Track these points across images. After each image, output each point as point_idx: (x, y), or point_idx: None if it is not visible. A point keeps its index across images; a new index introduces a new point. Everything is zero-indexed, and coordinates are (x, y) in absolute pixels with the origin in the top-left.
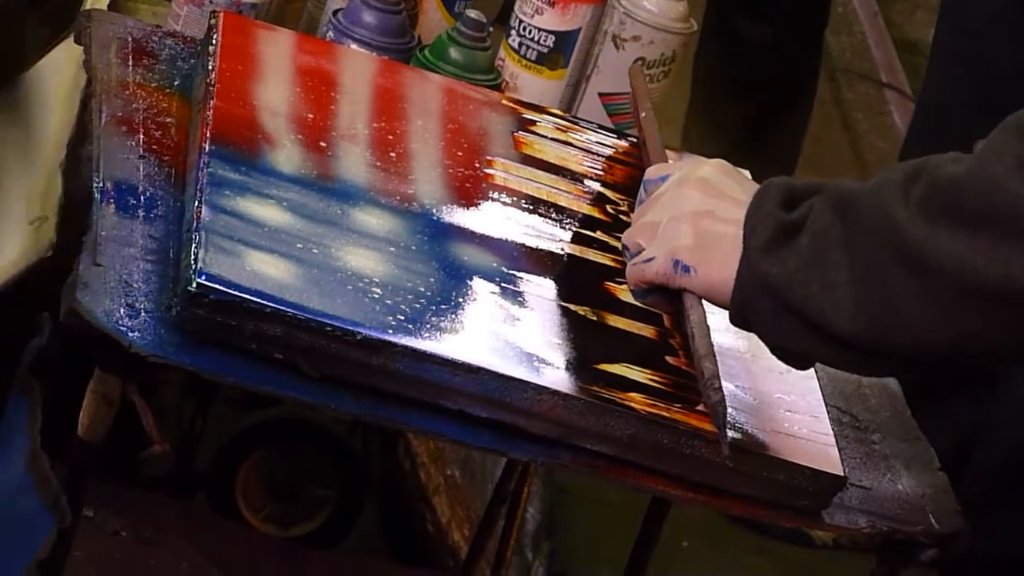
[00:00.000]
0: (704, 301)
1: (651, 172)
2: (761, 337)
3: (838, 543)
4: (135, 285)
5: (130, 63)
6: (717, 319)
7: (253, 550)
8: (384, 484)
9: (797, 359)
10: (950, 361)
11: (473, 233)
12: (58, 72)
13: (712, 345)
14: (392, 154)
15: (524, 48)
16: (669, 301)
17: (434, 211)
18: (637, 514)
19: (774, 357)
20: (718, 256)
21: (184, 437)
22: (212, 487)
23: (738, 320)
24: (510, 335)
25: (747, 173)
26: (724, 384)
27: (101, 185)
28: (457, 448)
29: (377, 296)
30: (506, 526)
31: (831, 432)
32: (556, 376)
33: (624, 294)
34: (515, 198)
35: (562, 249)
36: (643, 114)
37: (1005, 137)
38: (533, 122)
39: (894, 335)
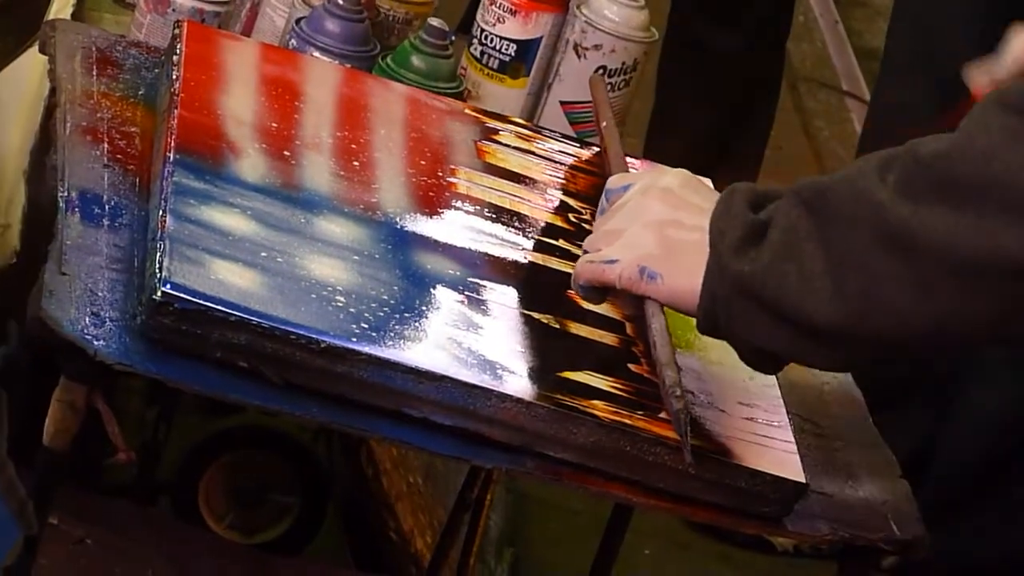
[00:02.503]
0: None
1: (613, 181)
2: (732, 340)
3: (800, 550)
4: (100, 294)
5: (95, 72)
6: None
7: (219, 557)
8: (347, 491)
9: (770, 361)
10: (925, 349)
11: (436, 242)
12: (22, 81)
13: (674, 353)
14: (356, 163)
15: (486, 57)
16: (623, 302)
17: (397, 220)
18: (600, 521)
19: (738, 364)
20: (684, 264)
21: (147, 444)
22: (175, 494)
23: (706, 326)
24: (473, 343)
25: (709, 182)
26: (687, 392)
27: (66, 194)
28: (419, 455)
29: (341, 304)
30: (469, 533)
31: (793, 439)
32: (519, 384)
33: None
34: (478, 207)
35: (525, 257)
36: (604, 123)
37: (987, 111)
38: (496, 131)
39: (874, 320)
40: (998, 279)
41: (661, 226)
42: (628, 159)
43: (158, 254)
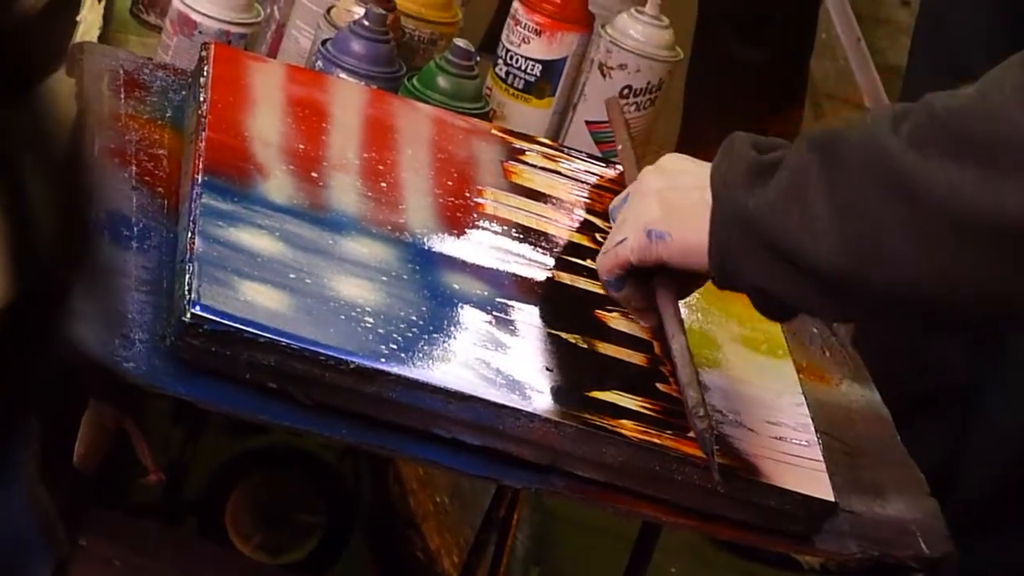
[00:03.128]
0: (685, 322)
1: (613, 202)
2: (740, 284)
3: (825, 568)
4: (129, 315)
5: (122, 95)
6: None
7: None
8: (373, 511)
9: (777, 307)
10: (930, 309)
11: (464, 262)
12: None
13: (696, 372)
14: (383, 184)
15: (511, 77)
16: (644, 295)
17: (425, 240)
18: (626, 539)
19: (765, 382)
20: (690, 218)
21: (173, 464)
22: (201, 514)
23: (721, 274)
24: (501, 363)
25: None
26: (714, 410)
27: (94, 216)
28: (446, 474)
29: (369, 325)
30: (496, 553)
31: (821, 458)
32: (547, 403)
33: (615, 322)
34: (505, 227)
35: (552, 277)
36: (619, 147)
37: (1006, 70)
38: (522, 151)
39: (873, 266)
40: (998, 237)
41: (660, 192)
42: None
43: (187, 276)
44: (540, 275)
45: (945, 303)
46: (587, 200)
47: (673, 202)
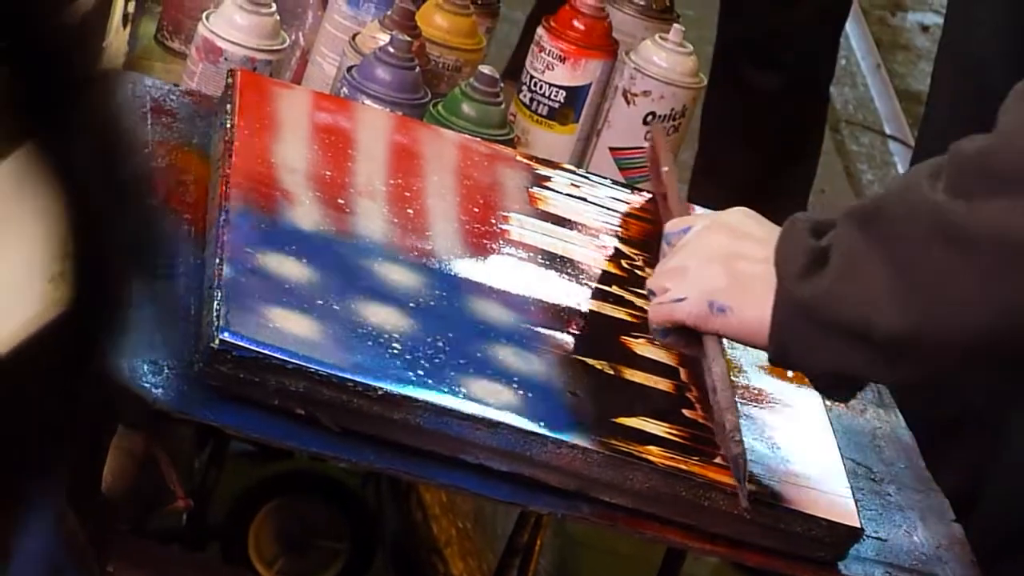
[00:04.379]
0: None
1: (671, 225)
2: (804, 369)
3: None
4: (158, 342)
5: (149, 121)
6: (740, 372)
7: None
8: (396, 536)
9: (844, 385)
10: (1002, 349)
11: (490, 288)
12: None
13: (734, 398)
14: (409, 210)
15: (535, 103)
16: (688, 342)
17: (452, 267)
18: (648, 565)
19: (790, 408)
20: (753, 295)
21: (196, 490)
22: (224, 540)
23: (778, 356)
24: (529, 389)
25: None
26: (743, 437)
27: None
28: (468, 500)
29: (397, 351)
30: None
31: (847, 484)
32: (575, 430)
33: (641, 348)
34: (531, 253)
35: (578, 304)
36: (665, 168)
37: (1018, 101)
38: (547, 178)
39: (942, 318)
40: None
41: (726, 259)
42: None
43: (215, 303)
44: (567, 302)
45: (1017, 339)
46: (614, 227)
47: (738, 274)
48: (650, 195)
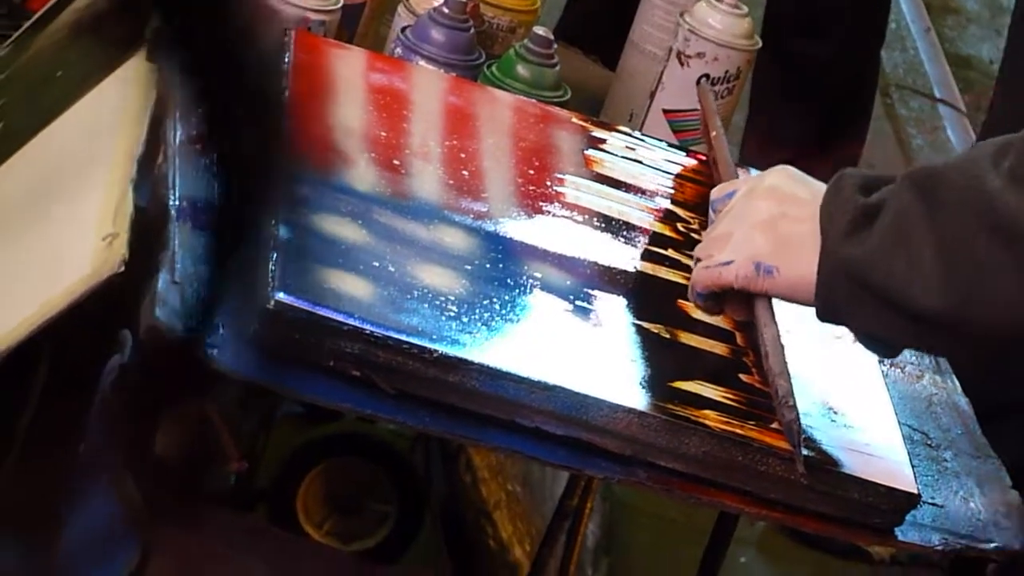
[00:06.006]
0: (777, 318)
1: (716, 191)
2: (850, 326)
3: (895, 559)
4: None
5: None
6: (795, 337)
7: (327, 566)
8: (445, 499)
9: (884, 346)
10: None
11: (546, 251)
12: (127, 88)
13: (786, 363)
14: (465, 172)
15: None
16: (736, 306)
17: (507, 229)
18: (695, 529)
19: (847, 375)
20: (798, 255)
21: (245, 452)
22: (272, 502)
23: (826, 313)
24: (585, 353)
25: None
26: (798, 402)
27: (177, 203)
28: (517, 463)
29: (453, 314)
30: (568, 542)
31: (904, 450)
32: (631, 394)
33: (697, 312)
34: (587, 216)
35: (634, 267)
36: (713, 133)
37: None
38: (602, 140)
39: (978, 309)
40: None
41: (771, 221)
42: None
43: (270, 264)
44: (622, 264)
45: None
46: (668, 189)
47: (783, 235)
48: (704, 157)
